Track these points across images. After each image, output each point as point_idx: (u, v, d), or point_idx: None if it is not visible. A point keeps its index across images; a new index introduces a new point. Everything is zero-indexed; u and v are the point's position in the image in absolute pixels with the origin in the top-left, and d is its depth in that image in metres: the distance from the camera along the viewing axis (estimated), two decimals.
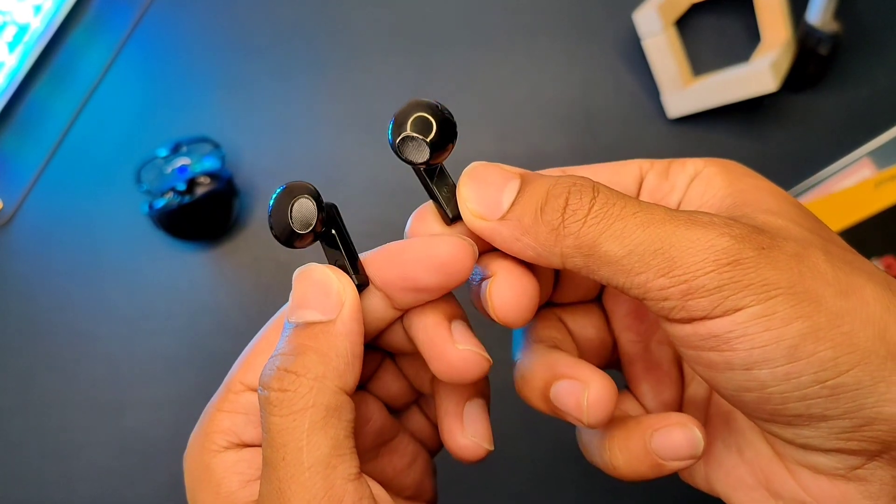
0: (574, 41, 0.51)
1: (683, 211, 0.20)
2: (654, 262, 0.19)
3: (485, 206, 0.21)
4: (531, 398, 0.23)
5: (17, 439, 0.46)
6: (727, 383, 0.19)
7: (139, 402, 0.46)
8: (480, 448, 0.24)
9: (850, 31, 0.48)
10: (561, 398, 0.22)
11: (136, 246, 0.49)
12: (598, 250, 0.19)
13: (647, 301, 0.19)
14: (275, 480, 0.19)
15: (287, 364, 0.20)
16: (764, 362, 0.18)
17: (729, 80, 0.46)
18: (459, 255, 0.21)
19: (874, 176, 0.43)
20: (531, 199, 0.20)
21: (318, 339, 0.20)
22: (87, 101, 0.52)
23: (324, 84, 0.52)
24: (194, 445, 0.23)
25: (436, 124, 0.21)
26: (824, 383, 0.18)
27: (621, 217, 0.19)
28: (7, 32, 0.51)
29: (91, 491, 0.45)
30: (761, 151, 0.48)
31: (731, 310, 0.18)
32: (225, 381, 0.23)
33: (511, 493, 0.44)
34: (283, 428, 0.19)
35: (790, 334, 0.18)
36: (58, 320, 0.48)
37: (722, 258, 0.18)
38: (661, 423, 0.23)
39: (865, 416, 0.18)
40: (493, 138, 0.49)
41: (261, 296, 0.48)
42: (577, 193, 0.20)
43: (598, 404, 0.21)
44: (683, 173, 0.24)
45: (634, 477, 0.23)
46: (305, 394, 0.19)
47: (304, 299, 0.21)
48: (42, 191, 0.50)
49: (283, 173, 0.50)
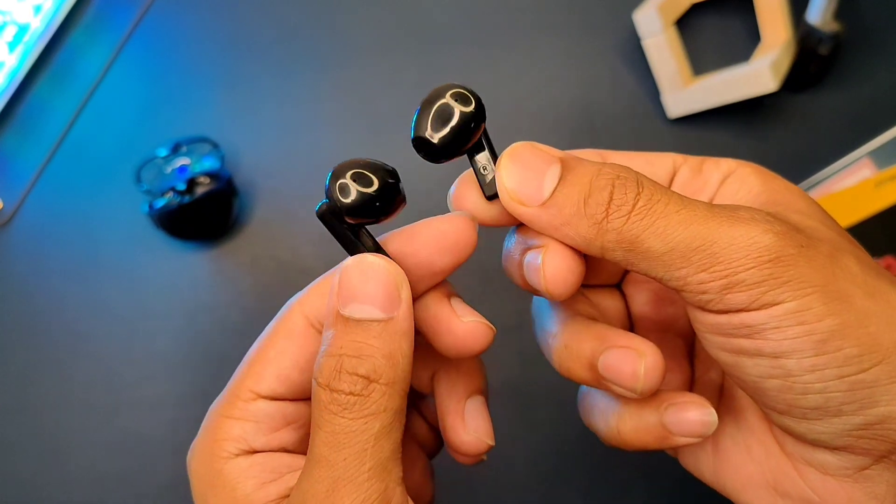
0: (574, 41, 0.51)
1: (725, 206, 0.20)
2: (696, 258, 0.19)
3: (525, 192, 0.21)
4: (574, 368, 0.23)
5: (14, 439, 0.46)
6: (752, 369, 0.20)
7: (138, 402, 0.46)
8: (482, 443, 0.24)
9: (851, 31, 0.48)
10: (613, 367, 0.22)
11: (136, 246, 0.49)
12: (639, 246, 0.20)
13: (685, 293, 0.20)
14: (327, 479, 0.19)
15: (356, 368, 0.20)
16: (793, 352, 0.19)
17: (729, 80, 0.46)
18: (467, 233, 0.22)
19: (874, 176, 0.43)
20: (574, 189, 0.20)
21: (381, 339, 0.20)
22: (87, 101, 0.52)
23: (324, 83, 0.52)
24: (202, 452, 0.22)
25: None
26: (845, 378, 0.19)
27: (664, 214, 0.19)
28: (7, 32, 0.51)
29: (89, 491, 0.45)
30: (761, 151, 0.48)
31: (769, 304, 0.19)
32: (230, 387, 0.23)
33: (511, 493, 0.44)
34: (351, 430, 0.19)
35: (821, 329, 0.19)
36: (57, 320, 0.48)
37: (764, 255, 0.19)
38: (678, 399, 0.23)
39: (879, 413, 0.19)
40: (493, 138, 0.49)
41: (260, 295, 0.48)
42: (622, 187, 0.20)
43: (654, 371, 0.22)
44: (717, 171, 0.24)
45: (638, 445, 0.24)
46: (378, 399, 0.19)
47: (358, 292, 0.20)
48: (42, 191, 0.50)
49: (283, 173, 0.50)
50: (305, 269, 0.48)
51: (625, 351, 0.22)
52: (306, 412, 0.23)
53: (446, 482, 0.43)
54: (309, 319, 0.23)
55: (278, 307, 0.24)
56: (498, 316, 0.35)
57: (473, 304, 0.24)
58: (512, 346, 0.44)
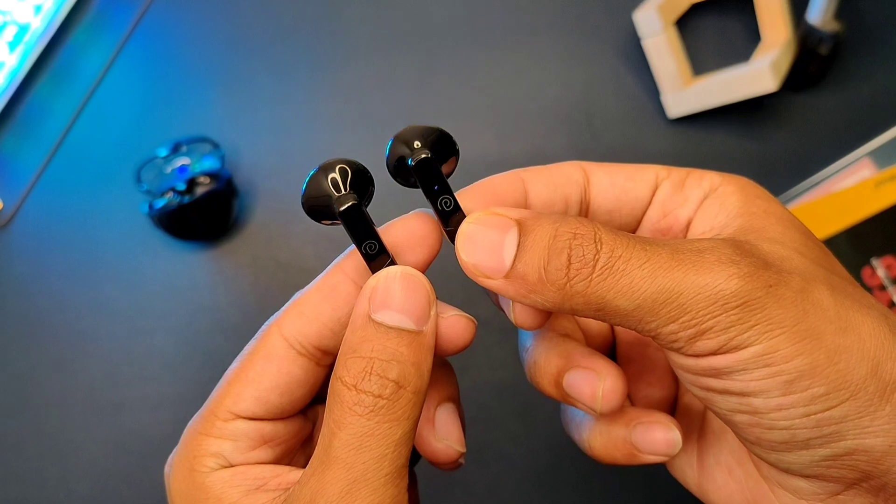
0: (574, 41, 0.51)
1: (691, 247, 0.20)
2: (664, 312, 0.19)
3: (487, 266, 0.21)
4: (542, 384, 0.24)
5: (15, 439, 0.46)
6: (722, 404, 0.20)
7: (138, 401, 0.46)
8: (453, 450, 0.24)
9: (851, 31, 0.48)
10: (575, 387, 0.23)
11: (136, 246, 0.49)
12: (607, 306, 0.20)
13: (657, 340, 0.20)
14: (343, 481, 0.19)
15: (388, 372, 0.20)
16: (759, 392, 0.19)
17: (729, 80, 0.46)
18: (430, 226, 0.22)
19: (874, 176, 0.43)
20: (533, 256, 0.20)
21: (412, 349, 0.20)
22: (87, 101, 0.52)
23: (324, 83, 0.52)
24: (181, 468, 0.23)
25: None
26: (812, 416, 0.19)
27: (627, 272, 0.19)
28: (7, 32, 0.51)
29: (89, 491, 0.45)
30: (761, 151, 0.48)
31: (736, 347, 0.19)
32: (208, 406, 0.23)
33: (511, 493, 0.44)
34: (375, 433, 0.19)
35: (789, 370, 0.19)
36: (57, 320, 0.48)
37: (731, 301, 0.19)
38: (645, 419, 0.24)
39: (846, 446, 0.19)
40: (493, 137, 0.49)
41: (260, 295, 0.48)
42: (579, 248, 0.20)
43: (612, 395, 0.23)
44: (699, 188, 0.24)
45: (608, 461, 0.25)
46: (405, 405, 0.20)
47: (395, 301, 0.21)
48: (42, 191, 0.50)
49: (283, 173, 0.50)
50: (305, 269, 0.48)
51: (587, 372, 0.23)
52: (283, 432, 0.23)
53: (446, 482, 0.43)
54: (288, 341, 0.23)
55: (278, 307, 0.24)
56: (496, 316, 0.35)
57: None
58: (511, 347, 0.44)
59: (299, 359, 0.23)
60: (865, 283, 0.42)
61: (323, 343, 0.23)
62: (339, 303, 0.22)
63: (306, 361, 0.23)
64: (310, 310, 0.23)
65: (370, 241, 0.21)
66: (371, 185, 0.21)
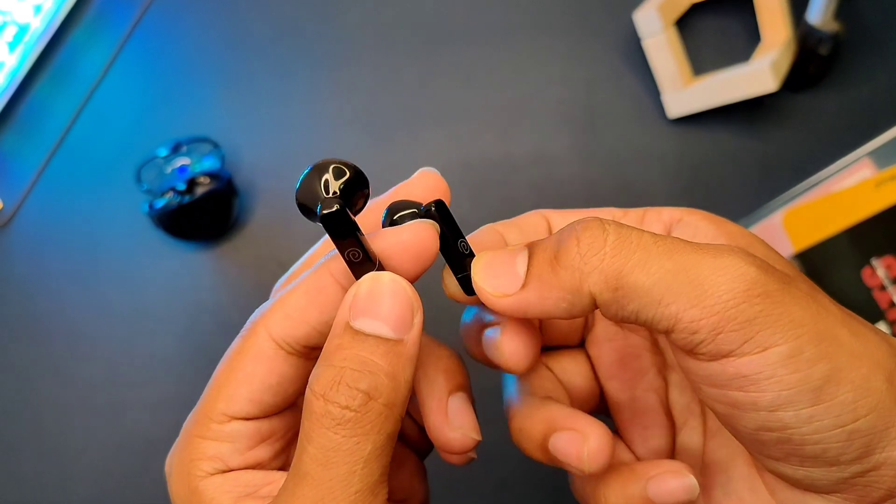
0: (574, 41, 0.51)
1: (700, 240, 0.20)
2: (685, 291, 0.18)
3: (502, 285, 0.21)
4: (529, 449, 0.24)
5: (15, 440, 0.46)
6: (749, 423, 0.19)
7: (138, 402, 0.46)
8: (469, 439, 0.24)
9: (851, 31, 0.48)
10: (561, 449, 0.23)
11: (136, 246, 0.49)
12: (625, 281, 0.19)
13: (675, 334, 0.19)
14: (311, 498, 0.19)
15: (357, 382, 0.19)
16: (789, 404, 0.18)
17: (729, 80, 0.46)
18: (429, 240, 0.21)
19: (874, 176, 0.43)
20: (543, 255, 0.20)
21: (388, 359, 0.20)
22: (87, 101, 0.52)
23: (324, 83, 0.52)
24: (179, 471, 0.23)
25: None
26: (843, 427, 0.18)
27: (641, 247, 0.19)
28: (7, 32, 0.51)
29: (90, 492, 0.45)
30: (761, 151, 0.48)
31: (761, 348, 0.18)
32: (201, 408, 0.23)
33: (511, 493, 0.44)
34: (342, 448, 0.19)
35: (815, 376, 0.18)
36: (57, 320, 0.48)
37: (752, 288, 0.18)
38: (656, 471, 0.23)
39: (875, 460, 0.18)
40: (494, 137, 0.49)
41: (261, 296, 0.47)
42: (587, 229, 0.20)
43: (597, 454, 0.22)
44: (659, 221, 0.24)
45: None
46: (374, 419, 0.19)
47: (372, 307, 0.20)
48: (42, 191, 0.50)
49: (283, 173, 0.50)
50: None
51: (570, 433, 0.22)
52: (282, 426, 0.23)
53: (445, 483, 0.43)
54: (276, 341, 0.22)
55: None
56: None
57: None
58: None
59: (289, 357, 0.22)
60: (865, 283, 0.42)
61: (312, 342, 0.22)
62: (326, 306, 0.22)
63: (296, 359, 0.23)
64: (297, 313, 0.22)
65: (353, 249, 0.20)
66: (364, 188, 0.21)
